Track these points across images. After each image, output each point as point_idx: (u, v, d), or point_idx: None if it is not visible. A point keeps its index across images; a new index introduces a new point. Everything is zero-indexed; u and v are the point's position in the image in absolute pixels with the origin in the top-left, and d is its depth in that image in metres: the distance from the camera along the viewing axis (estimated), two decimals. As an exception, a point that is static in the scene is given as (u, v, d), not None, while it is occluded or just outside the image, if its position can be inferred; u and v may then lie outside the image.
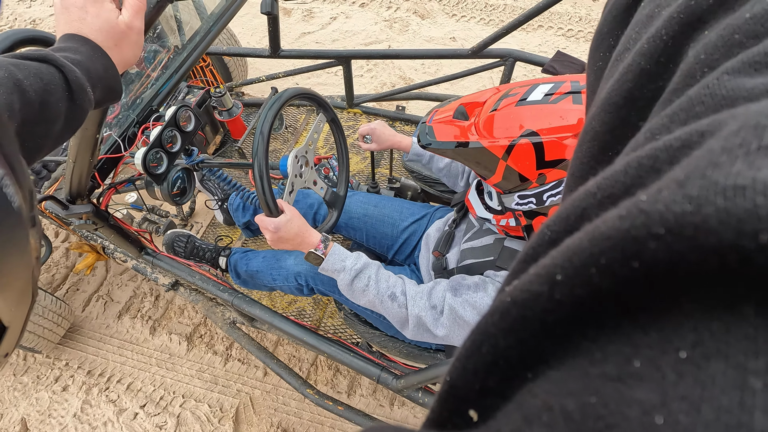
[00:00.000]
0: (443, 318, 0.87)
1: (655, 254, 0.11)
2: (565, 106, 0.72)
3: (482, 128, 0.79)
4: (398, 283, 0.93)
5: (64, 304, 1.59)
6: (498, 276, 0.89)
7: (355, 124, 2.02)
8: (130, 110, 1.00)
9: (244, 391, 1.64)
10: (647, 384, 0.11)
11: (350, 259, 0.93)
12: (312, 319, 1.50)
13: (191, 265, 1.21)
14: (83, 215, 0.91)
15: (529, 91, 0.77)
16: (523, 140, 0.73)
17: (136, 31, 0.56)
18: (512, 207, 0.83)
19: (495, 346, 0.14)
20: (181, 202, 1.03)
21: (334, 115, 1.11)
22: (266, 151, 0.88)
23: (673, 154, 0.13)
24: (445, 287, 0.90)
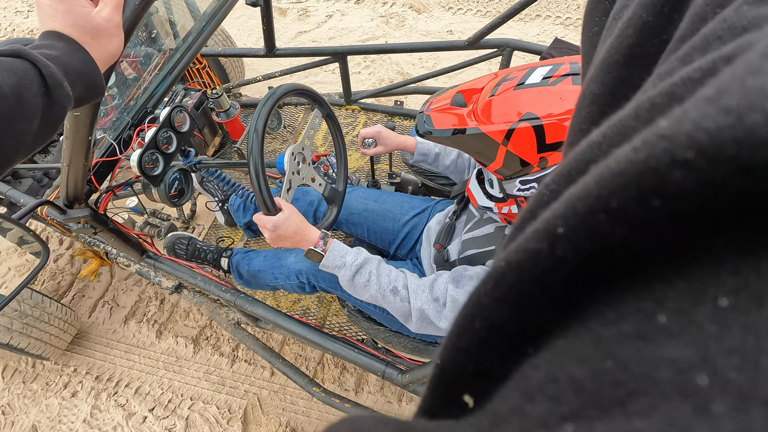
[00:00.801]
0: (446, 310, 0.87)
1: (681, 185, 0.09)
2: (564, 87, 0.71)
3: (480, 114, 0.78)
4: (400, 277, 0.92)
5: (70, 311, 1.60)
6: None
7: (354, 120, 2.01)
8: (124, 113, 1.00)
9: (251, 392, 1.64)
10: (679, 339, 0.09)
11: (351, 254, 0.93)
12: (317, 317, 1.49)
13: (193, 267, 1.21)
14: (81, 219, 0.91)
15: (527, 74, 0.76)
16: (522, 124, 0.71)
17: (114, 24, 0.55)
18: (514, 193, 0.82)
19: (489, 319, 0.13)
20: (179, 204, 1.03)
21: (330, 111, 1.11)
22: (261, 149, 0.87)
23: (692, 86, 0.11)
24: (447, 279, 0.89)
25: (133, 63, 1.33)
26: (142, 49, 1.38)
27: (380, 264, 0.94)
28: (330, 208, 1.13)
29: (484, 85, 0.83)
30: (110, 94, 1.02)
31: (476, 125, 0.76)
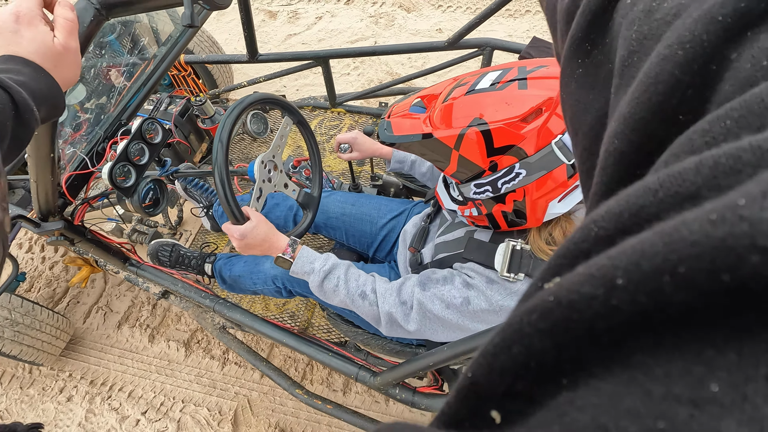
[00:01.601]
0: (413, 313, 0.88)
1: (756, 269, 0.09)
2: (510, 92, 0.72)
3: (435, 119, 0.79)
4: (368, 281, 0.94)
5: (63, 318, 1.64)
6: (464, 268, 0.88)
7: (339, 123, 2.02)
8: (97, 126, 1.02)
9: (242, 394, 1.67)
10: (733, 414, 0.09)
11: (319, 260, 0.94)
12: (302, 319, 1.51)
13: (173, 274, 1.24)
14: (55, 232, 0.93)
15: (478, 80, 0.77)
16: (471, 129, 0.73)
17: (73, 52, 0.57)
18: (471, 196, 0.83)
19: (529, 347, 0.13)
20: (154, 213, 1.05)
21: (300, 117, 1.12)
22: (226, 158, 0.89)
23: (762, 155, 0.11)
24: (414, 282, 0.91)
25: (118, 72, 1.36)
26: (125, 59, 1.40)
27: (349, 269, 0.95)
28: (305, 213, 1.15)
29: (441, 91, 0.84)
30: (83, 108, 1.05)
31: (430, 131, 0.77)
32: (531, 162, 0.71)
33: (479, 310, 0.83)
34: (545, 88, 0.71)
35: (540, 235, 0.82)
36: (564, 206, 0.77)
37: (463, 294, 0.84)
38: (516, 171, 0.73)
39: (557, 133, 0.70)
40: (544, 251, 0.80)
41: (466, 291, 0.84)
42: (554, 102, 0.69)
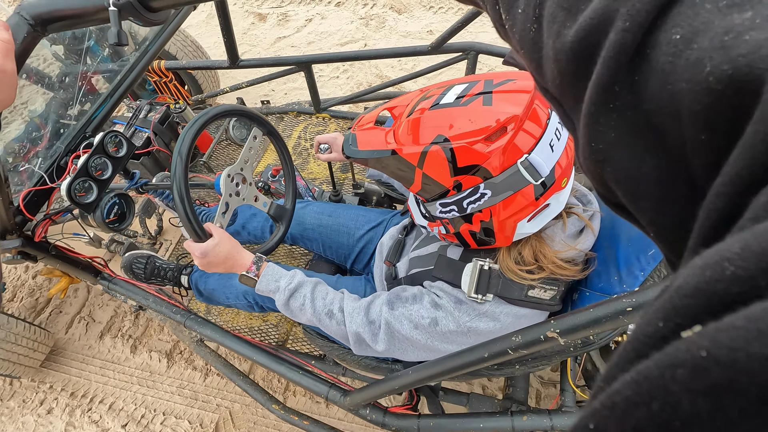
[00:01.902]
0: (381, 333, 0.85)
1: None
2: (475, 108, 0.69)
3: (399, 135, 0.76)
4: (336, 300, 0.91)
5: (41, 330, 1.61)
6: (433, 287, 0.85)
7: (324, 129, 1.99)
8: (58, 140, 0.99)
9: (223, 406, 1.64)
10: None
11: (285, 278, 0.91)
12: (282, 330, 1.48)
13: (146, 288, 1.21)
14: (12, 250, 0.90)
15: (443, 93, 0.74)
16: (434, 147, 0.69)
17: (9, 74, 0.55)
18: (437, 215, 0.80)
19: (675, 407, 0.11)
20: (119, 229, 1.02)
21: (270, 128, 1.09)
22: (186, 173, 0.86)
23: None
24: (383, 301, 0.88)
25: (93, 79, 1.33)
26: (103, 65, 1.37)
27: (316, 287, 0.92)
28: (277, 225, 1.11)
29: (409, 102, 0.81)
30: (44, 121, 1.02)
31: (394, 147, 0.74)
32: (496, 182, 0.68)
33: (447, 331, 0.80)
34: (511, 103, 0.67)
35: (509, 255, 0.78)
36: (534, 226, 0.74)
37: (431, 314, 0.81)
38: (481, 191, 0.70)
39: (524, 151, 0.66)
40: (514, 271, 0.77)
41: (434, 311, 0.81)
42: (520, 119, 0.66)
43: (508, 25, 0.28)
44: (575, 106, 0.23)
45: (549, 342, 0.57)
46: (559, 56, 0.23)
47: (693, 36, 0.17)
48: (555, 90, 0.25)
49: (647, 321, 0.14)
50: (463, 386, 1.55)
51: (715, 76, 0.16)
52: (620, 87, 0.20)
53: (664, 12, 0.18)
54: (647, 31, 0.19)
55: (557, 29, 0.23)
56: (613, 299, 0.52)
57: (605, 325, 0.52)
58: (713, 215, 0.16)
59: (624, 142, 0.21)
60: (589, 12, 0.21)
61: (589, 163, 0.23)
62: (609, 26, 0.20)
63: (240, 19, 3.10)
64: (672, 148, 0.19)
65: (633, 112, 0.20)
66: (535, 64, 0.26)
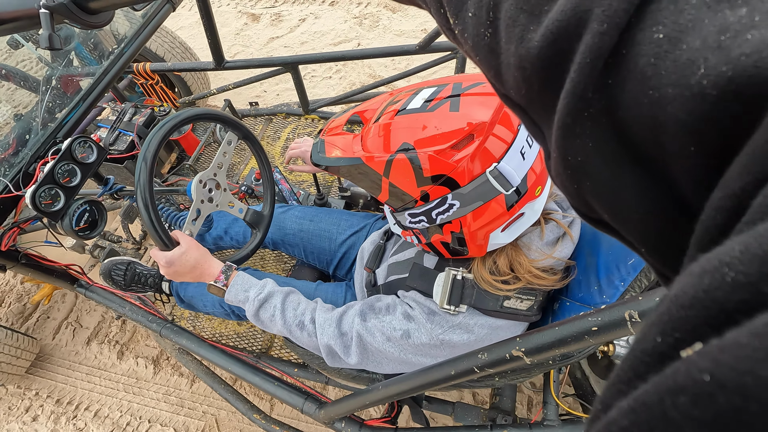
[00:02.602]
0: (353, 345, 0.82)
1: None
2: (441, 114, 0.65)
3: (366, 142, 0.72)
4: (308, 311, 0.88)
5: (25, 337, 1.59)
6: (407, 297, 0.82)
7: (313, 130, 1.96)
8: (24, 147, 0.97)
9: (209, 413, 1.62)
10: None
11: (254, 289, 0.88)
12: (266, 338, 1.46)
13: (123, 296, 1.18)
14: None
15: (411, 97, 0.70)
16: (399, 155, 0.66)
17: None
18: (407, 225, 0.77)
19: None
20: (90, 237, 0.99)
21: (246, 132, 1.06)
22: (150, 179, 0.83)
23: None
24: (356, 312, 0.84)
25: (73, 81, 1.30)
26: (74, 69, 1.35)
27: (287, 297, 0.89)
28: (254, 232, 1.08)
29: (378, 107, 0.77)
30: (11, 126, 0.99)
31: (359, 155, 0.71)
32: (464, 193, 0.64)
33: (420, 343, 0.77)
34: (480, 108, 0.64)
35: (484, 265, 0.75)
36: (508, 236, 0.70)
37: (403, 326, 0.78)
38: (449, 202, 0.66)
39: (492, 161, 0.62)
40: (488, 282, 0.74)
41: (406, 323, 0.78)
42: (488, 126, 0.62)
43: (458, 30, 0.25)
44: (544, 116, 0.21)
45: (515, 361, 0.54)
46: (523, 63, 0.20)
47: (680, 35, 0.15)
48: (520, 99, 0.23)
49: (644, 335, 0.13)
50: (453, 394, 1.52)
51: (710, 79, 0.14)
52: (594, 92, 0.18)
53: (641, 8, 0.16)
54: (623, 30, 0.16)
55: (519, 33, 0.20)
56: (579, 317, 0.49)
57: (571, 344, 0.49)
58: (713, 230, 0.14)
59: (602, 154, 0.19)
60: (555, 14, 0.18)
61: (563, 178, 0.21)
62: (582, 29, 0.17)
63: (233, 20, 3.08)
64: (653, 158, 0.17)
65: (609, 119, 0.18)
66: (493, 72, 0.23)
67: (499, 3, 0.21)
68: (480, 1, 0.22)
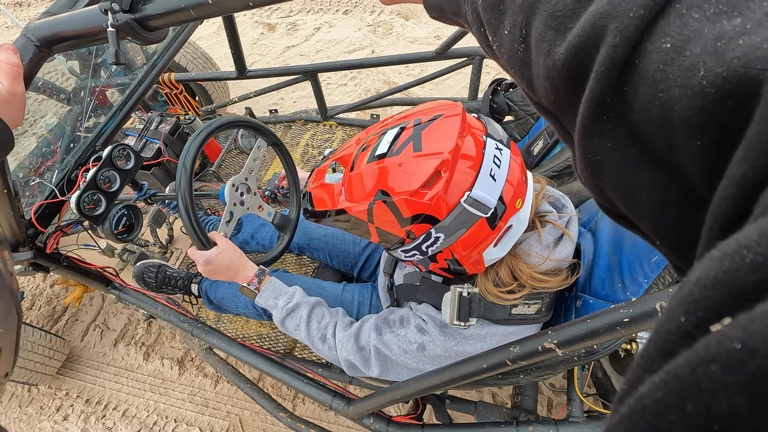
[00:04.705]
0: (372, 359, 0.85)
1: None
2: (406, 157, 0.66)
3: (347, 191, 0.73)
4: (330, 324, 0.90)
5: (56, 338, 1.65)
6: (419, 310, 0.84)
7: (331, 136, 2.00)
8: (68, 155, 1.02)
9: (234, 413, 1.66)
10: None
11: (284, 297, 0.91)
12: (288, 339, 1.49)
13: (155, 297, 1.23)
14: (24, 263, 0.93)
15: (378, 141, 0.72)
16: (377, 203, 0.68)
17: (19, 96, 0.57)
18: (404, 259, 0.79)
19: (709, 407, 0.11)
20: (127, 240, 1.04)
21: (275, 139, 1.10)
22: (190, 183, 0.87)
23: None
24: (371, 326, 0.87)
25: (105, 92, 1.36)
26: (114, 78, 1.41)
27: (313, 309, 0.91)
28: (281, 235, 1.12)
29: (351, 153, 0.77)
30: (54, 136, 1.05)
31: (343, 206, 0.72)
32: (445, 225, 0.66)
33: (435, 355, 0.79)
34: (441, 143, 0.65)
35: (487, 278, 0.77)
36: (501, 250, 0.72)
37: (418, 339, 0.80)
38: (434, 236, 0.68)
39: (464, 190, 0.64)
40: (494, 294, 0.75)
41: (420, 336, 0.80)
42: (451, 161, 0.63)
43: (496, 47, 0.29)
44: (571, 120, 0.24)
45: (547, 353, 0.57)
46: (551, 73, 0.23)
47: (684, 44, 0.17)
48: (550, 106, 0.25)
49: (668, 317, 0.13)
50: (473, 394, 1.54)
51: (708, 80, 0.16)
52: (611, 98, 0.20)
53: (651, 24, 0.19)
54: (636, 43, 0.19)
55: (547, 48, 0.23)
56: (609, 310, 0.51)
57: (602, 336, 0.51)
58: (721, 218, 0.16)
59: (618, 152, 0.21)
60: (577, 30, 0.21)
61: (586, 175, 0.24)
62: (599, 42, 0.20)
63: (249, 30, 3.15)
64: (665, 154, 0.19)
65: (625, 121, 0.20)
66: (526, 82, 0.27)
67: (531, 22, 0.25)
68: (514, 21, 0.26)
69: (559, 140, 1.33)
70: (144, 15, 0.54)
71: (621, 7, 0.19)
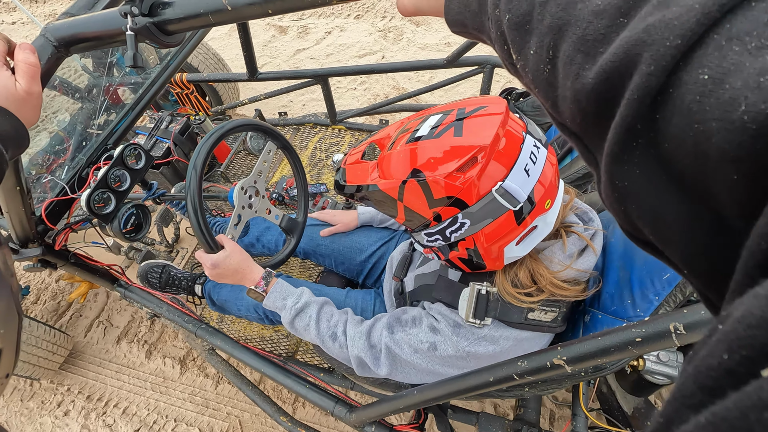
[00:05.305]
0: (382, 357, 0.85)
1: None
2: (446, 140, 0.67)
3: (382, 168, 0.75)
4: (340, 322, 0.90)
5: (60, 334, 1.66)
6: (432, 309, 0.84)
7: (340, 140, 2.01)
8: (80, 152, 1.03)
9: (234, 414, 1.65)
10: None
11: (292, 297, 0.92)
12: (291, 342, 1.49)
13: (160, 297, 1.23)
14: (33, 258, 0.93)
15: (420, 125, 0.73)
16: (410, 180, 0.69)
17: (36, 95, 0.58)
18: (425, 244, 0.79)
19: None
20: (135, 239, 1.04)
21: (285, 142, 1.10)
22: (200, 185, 0.87)
23: None
24: (384, 324, 0.87)
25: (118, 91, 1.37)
26: (127, 77, 1.42)
27: (322, 308, 0.92)
28: (288, 238, 1.12)
29: (390, 135, 0.80)
30: (67, 134, 1.06)
31: (376, 182, 0.74)
32: (473, 212, 0.67)
33: (446, 355, 0.79)
34: (482, 131, 0.66)
35: (506, 277, 0.77)
36: (523, 249, 0.72)
37: (429, 339, 0.80)
38: (460, 221, 0.69)
39: (497, 180, 0.65)
40: (512, 294, 0.75)
41: (432, 336, 0.80)
42: (490, 148, 0.64)
43: (520, 65, 0.29)
44: (597, 143, 0.24)
45: (556, 369, 0.56)
46: (578, 96, 0.23)
47: (723, 76, 0.17)
48: (575, 127, 0.25)
49: (709, 353, 0.13)
50: (474, 405, 1.53)
51: (750, 115, 0.16)
52: (642, 125, 0.20)
53: (688, 54, 0.18)
54: (671, 72, 0.19)
55: (575, 71, 0.23)
56: (622, 328, 0.50)
57: (614, 354, 0.51)
58: (758, 256, 0.15)
59: (648, 180, 0.21)
60: (609, 56, 0.21)
61: (612, 200, 0.23)
62: (632, 69, 0.20)
63: (261, 32, 3.17)
64: (697, 183, 0.19)
65: (656, 148, 0.20)
66: (550, 103, 0.27)
67: (559, 44, 0.24)
68: (541, 42, 0.26)
69: (569, 151, 1.32)
70: (163, 19, 0.54)
71: (657, 35, 0.19)
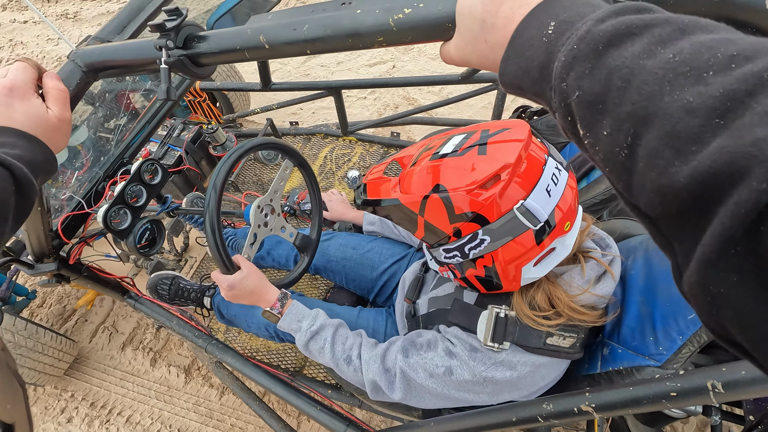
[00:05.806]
0: (397, 381, 0.84)
1: None
2: (470, 158, 0.70)
3: (403, 185, 0.78)
4: (355, 345, 0.90)
5: (66, 340, 1.65)
6: (448, 333, 0.84)
7: (351, 152, 2.00)
8: (97, 167, 1.02)
9: (237, 426, 1.64)
10: None
11: (307, 319, 0.91)
12: (299, 357, 1.48)
13: (170, 310, 1.23)
14: (48, 274, 0.93)
15: (443, 144, 0.76)
16: (433, 196, 0.71)
17: (67, 122, 0.58)
18: (443, 260, 0.80)
19: None
20: (149, 254, 1.04)
21: (301, 160, 1.10)
22: (218, 206, 0.87)
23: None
24: (398, 348, 0.87)
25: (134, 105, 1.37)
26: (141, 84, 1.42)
27: (337, 331, 0.91)
28: (302, 256, 1.12)
29: (414, 153, 0.82)
30: (85, 148, 1.05)
31: (397, 197, 0.76)
32: (494, 228, 0.68)
33: (462, 380, 0.78)
34: (506, 152, 0.68)
35: (523, 300, 0.77)
36: (540, 270, 0.73)
37: (445, 363, 0.80)
38: (480, 237, 0.70)
39: (519, 198, 0.67)
40: (530, 317, 0.75)
41: (448, 360, 0.80)
42: (513, 167, 0.66)
43: (588, 142, 0.28)
44: (677, 234, 0.23)
45: (583, 415, 0.55)
46: (664, 191, 0.23)
47: None
48: (651, 213, 0.25)
49: None
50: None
51: None
52: (743, 235, 0.19)
53: None
54: None
55: (663, 165, 0.23)
56: (655, 380, 0.50)
57: (645, 406, 0.50)
58: None
59: (746, 287, 0.20)
60: (707, 159, 0.20)
61: (702, 304, 0.23)
62: (738, 180, 0.19)
63: (272, 38, 3.17)
64: None
65: (757, 259, 0.19)
66: (623, 184, 0.26)
67: (641, 133, 0.24)
68: (618, 126, 0.25)
69: (586, 173, 1.31)
70: (197, 52, 0.54)
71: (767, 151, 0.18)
